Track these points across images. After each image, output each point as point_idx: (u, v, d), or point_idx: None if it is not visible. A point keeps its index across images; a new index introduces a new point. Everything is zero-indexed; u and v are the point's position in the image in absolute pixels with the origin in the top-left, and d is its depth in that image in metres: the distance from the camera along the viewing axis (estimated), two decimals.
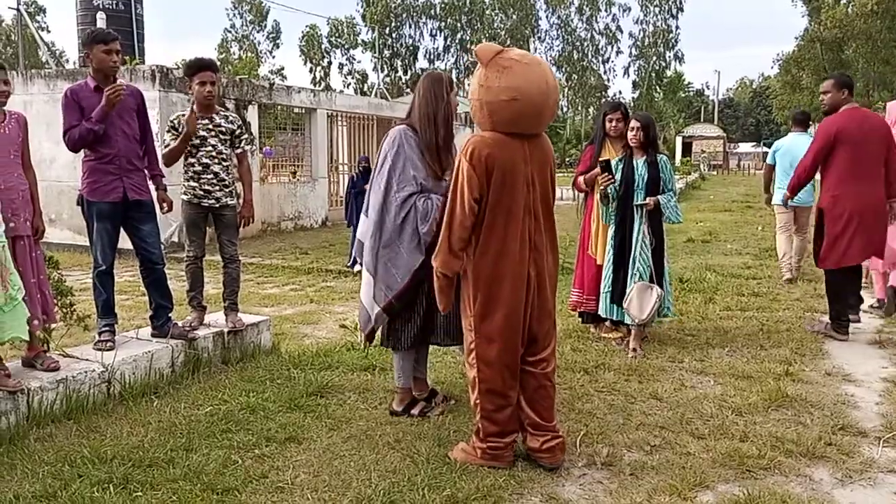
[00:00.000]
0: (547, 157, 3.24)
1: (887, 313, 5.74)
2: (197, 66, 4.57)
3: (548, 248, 3.23)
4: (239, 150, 4.76)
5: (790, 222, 7.72)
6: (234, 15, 62.06)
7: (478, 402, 3.20)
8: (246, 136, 4.89)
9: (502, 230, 3.08)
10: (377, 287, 3.59)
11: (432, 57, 57.20)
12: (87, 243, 4.34)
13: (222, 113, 4.72)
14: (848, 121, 5.18)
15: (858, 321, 5.67)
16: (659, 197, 4.94)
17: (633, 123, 4.99)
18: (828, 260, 5.28)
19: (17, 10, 32.95)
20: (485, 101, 3.03)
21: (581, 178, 5.38)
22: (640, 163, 4.98)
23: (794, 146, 7.38)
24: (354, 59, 61.48)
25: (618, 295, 5.00)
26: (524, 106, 2.99)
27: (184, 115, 4.59)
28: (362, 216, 3.70)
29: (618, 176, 4.96)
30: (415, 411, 3.77)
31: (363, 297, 3.69)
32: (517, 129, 3.08)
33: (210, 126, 4.58)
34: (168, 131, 4.59)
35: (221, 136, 4.62)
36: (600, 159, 5.00)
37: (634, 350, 4.93)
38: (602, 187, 4.94)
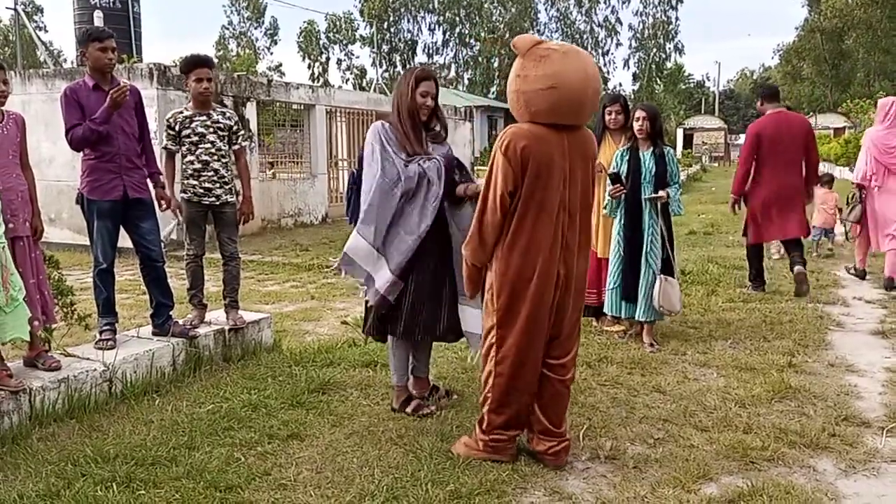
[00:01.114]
0: (588, 153, 3.11)
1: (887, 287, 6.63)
2: (193, 63, 4.55)
3: (580, 248, 3.12)
4: (236, 147, 4.75)
5: None
6: (232, 12, 61.74)
7: (489, 394, 3.14)
8: (243, 132, 4.88)
9: (532, 225, 2.98)
10: (390, 258, 3.50)
11: (431, 51, 56.95)
12: (87, 242, 4.33)
13: (219, 109, 4.70)
14: (767, 122, 6.33)
15: (763, 290, 6.62)
16: (668, 190, 4.91)
17: (639, 114, 4.93)
18: (751, 235, 6.49)
19: (15, 9, 32.89)
20: (521, 90, 2.95)
21: None
22: (647, 155, 4.93)
23: None
24: (353, 55, 61.04)
25: (627, 291, 4.96)
26: (563, 95, 2.89)
27: (180, 113, 4.58)
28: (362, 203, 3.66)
29: (623, 168, 4.94)
30: (408, 409, 3.74)
31: (358, 258, 3.55)
32: (556, 119, 2.97)
33: (208, 123, 4.57)
34: (165, 130, 4.58)
35: (220, 133, 4.60)
36: (609, 171, 4.95)
37: (652, 345, 4.92)
38: (614, 198, 4.90)
